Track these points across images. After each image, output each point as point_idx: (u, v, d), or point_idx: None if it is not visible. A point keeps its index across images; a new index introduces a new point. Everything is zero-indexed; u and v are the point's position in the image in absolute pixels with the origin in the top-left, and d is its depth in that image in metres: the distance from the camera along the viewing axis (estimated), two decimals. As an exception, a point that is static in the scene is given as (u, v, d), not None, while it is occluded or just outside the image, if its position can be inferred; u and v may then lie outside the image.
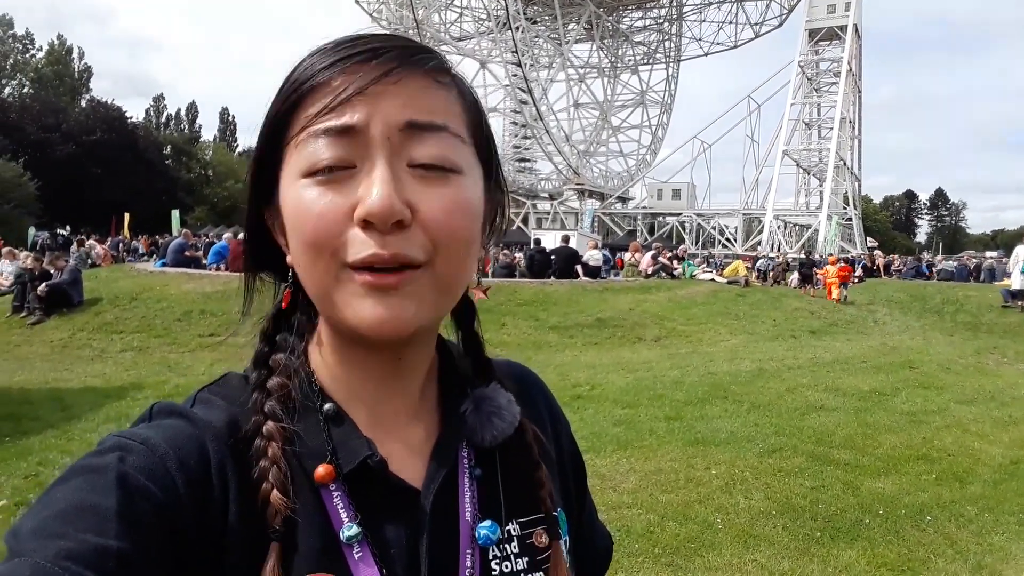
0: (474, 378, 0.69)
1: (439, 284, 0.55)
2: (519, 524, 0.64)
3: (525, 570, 0.62)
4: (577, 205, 48.79)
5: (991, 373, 8.67)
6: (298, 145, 0.55)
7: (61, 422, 5.76)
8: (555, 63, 51.88)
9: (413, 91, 0.55)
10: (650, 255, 17.52)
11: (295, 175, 0.55)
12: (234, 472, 0.55)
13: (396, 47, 0.56)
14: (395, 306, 0.53)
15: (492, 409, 0.65)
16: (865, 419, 6.24)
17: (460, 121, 0.58)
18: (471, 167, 0.58)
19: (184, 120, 71.55)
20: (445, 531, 0.60)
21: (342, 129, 0.53)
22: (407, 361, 0.63)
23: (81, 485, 0.49)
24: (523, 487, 0.66)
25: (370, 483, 0.58)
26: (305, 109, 0.55)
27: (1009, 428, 6.08)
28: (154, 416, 0.58)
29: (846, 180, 44.86)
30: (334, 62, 0.55)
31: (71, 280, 11.27)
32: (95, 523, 0.46)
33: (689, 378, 7.90)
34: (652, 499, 4.31)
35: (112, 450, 0.52)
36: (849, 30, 42.74)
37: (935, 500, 4.42)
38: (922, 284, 19.36)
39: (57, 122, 45.77)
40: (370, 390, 0.62)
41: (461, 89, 0.60)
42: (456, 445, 0.64)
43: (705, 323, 12.39)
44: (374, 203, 0.51)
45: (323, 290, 0.55)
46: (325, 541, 0.55)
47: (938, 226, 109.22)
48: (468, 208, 0.56)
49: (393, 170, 0.53)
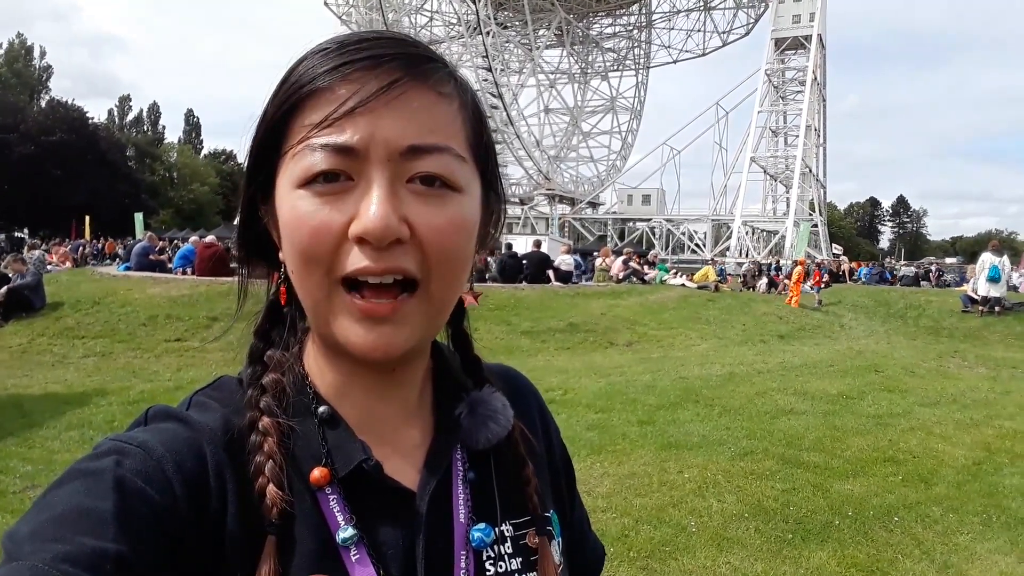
0: (469, 381, 0.69)
1: (432, 307, 0.56)
2: (512, 525, 0.65)
3: (519, 570, 0.63)
4: (547, 210, 48.97)
5: (953, 376, 8.87)
6: (295, 156, 0.54)
7: (21, 429, 5.58)
8: (525, 68, 52.05)
9: (416, 108, 0.54)
10: (621, 260, 17.64)
11: (291, 184, 0.54)
12: (232, 475, 0.55)
13: (400, 55, 0.55)
14: (386, 333, 0.54)
15: (488, 413, 0.66)
16: (833, 422, 6.34)
17: (461, 137, 0.57)
18: (470, 183, 0.58)
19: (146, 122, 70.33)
20: (440, 533, 0.60)
21: (341, 148, 0.52)
22: (401, 374, 0.63)
23: (78, 488, 0.49)
24: (516, 489, 0.67)
25: (365, 486, 0.58)
26: (304, 115, 0.54)
27: (971, 430, 6.22)
28: (150, 420, 0.58)
29: (812, 187, 45.69)
30: (336, 67, 0.54)
31: (34, 284, 10.97)
32: (92, 527, 0.47)
33: (661, 382, 7.95)
34: (626, 503, 4.32)
35: (109, 454, 0.52)
36: (814, 40, 43.56)
37: (902, 501, 4.50)
38: (886, 289, 19.78)
39: (15, 122, 44.64)
40: (364, 394, 0.62)
41: (464, 100, 0.59)
42: (450, 448, 0.65)
43: (676, 328, 12.49)
44: (370, 222, 0.51)
45: (315, 303, 0.55)
46: (321, 543, 0.55)
47: (900, 232, 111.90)
48: (464, 227, 0.57)
49: (391, 188, 0.53)
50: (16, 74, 55.34)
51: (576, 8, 51.81)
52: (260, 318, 0.65)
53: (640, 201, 49.92)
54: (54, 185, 43.93)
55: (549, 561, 0.65)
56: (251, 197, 0.60)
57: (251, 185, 0.59)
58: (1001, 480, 4.95)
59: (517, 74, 51.77)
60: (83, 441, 5.25)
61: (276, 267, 0.63)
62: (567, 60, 55.65)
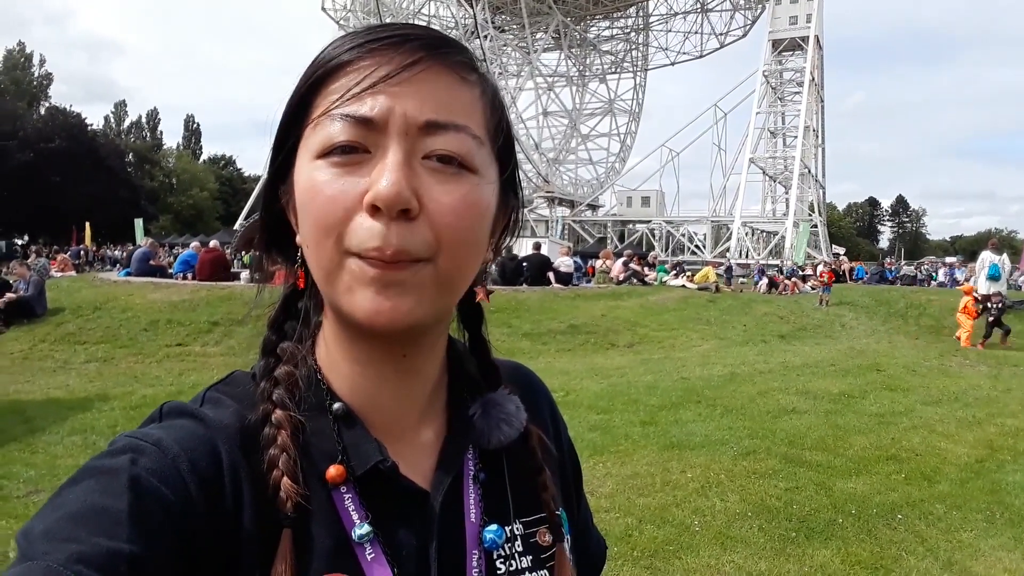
0: (483, 382, 0.69)
1: (440, 280, 0.55)
2: (522, 524, 0.65)
3: (530, 568, 0.64)
4: (547, 213, 48.97)
5: (954, 375, 8.87)
6: (316, 127, 0.54)
7: (24, 435, 5.59)
8: (523, 72, 52.08)
9: (436, 86, 0.54)
10: (621, 262, 17.64)
11: (310, 155, 0.54)
12: (246, 474, 0.55)
13: (426, 36, 0.56)
14: (393, 298, 0.53)
15: (502, 416, 0.66)
16: (835, 421, 6.34)
17: (481, 122, 0.57)
18: (487, 168, 0.57)
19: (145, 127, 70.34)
20: (452, 533, 0.60)
21: (360, 119, 0.53)
22: (414, 361, 0.62)
23: (93, 487, 0.49)
24: (526, 488, 0.67)
25: (379, 484, 0.58)
26: (327, 88, 0.55)
27: (973, 428, 6.22)
28: (164, 416, 0.58)
29: (811, 187, 45.71)
30: (362, 43, 0.55)
31: (37, 292, 10.99)
32: (107, 526, 0.46)
33: (663, 383, 7.95)
34: (629, 503, 4.33)
35: (124, 451, 0.52)
36: (811, 41, 43.61)
37: (905, 499, 4.50)
38: (886, 289, 19.76)
39: (14, 129, 44.65)
40: (378, 390, 0.61)
41: (485, 89, 0.59)
42: (464, 448, 0.65)
43: (677, 329, 12.50)
44: (383, 188, 0.51)
45: (326, 272, 0.55)
46: (337, 541, 0.55)
47: (900, 232, 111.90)
48: (477, 208, 0.56)
49: (406, 159, 0.53)
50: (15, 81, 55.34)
51: (573, 11, 51.88)
52: (275, 309, 0.64)
53: (640, 203, 49.88)
54: (53, 192, 43.95)
55: (566, 565, 0.66)
56: (272, 177, 0.60)
57: (276, 159, 0.59)
58: (1004, 477, 4.95)
59: (515, 77, 51.79)
60: (86, 446, 5.26)
61: (292, 257, 0.62)
62: (565, 63, 55.69)
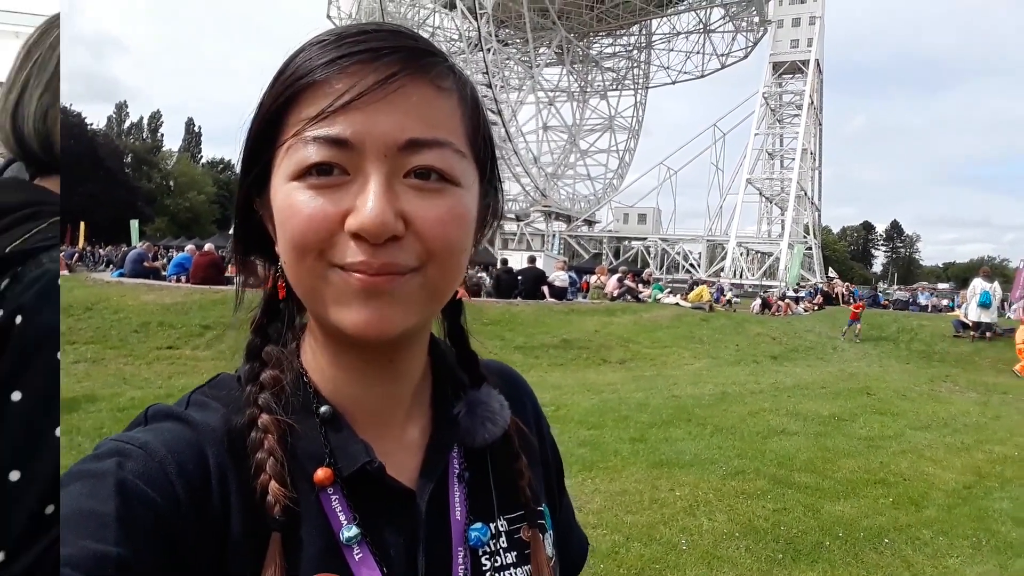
0: (467, 380, 0.70)
1: (428, 289, 0.55)
2: (506, 520, 0.66)
3: (514, 563, 0.64)
4: (543, 227, 49.10)
5: (944, 400, 8.88)
6: (289, 149, 0.53)
7: (9, 434, 5.54)
8: (525, 85, 52.43)
9: (414, 102, 0.53)
10: (616, 278, 17.68)
11: (285, 177, 0.53)
12: (234, 477, 0.55)
13: (399, 48, 0.54)
14: (382, 308, 0.52)
15: (487, 414, 0.66)
16: (825, 443, 6.34)
17: (460, 132, 0.57)
18: (468, 179, 0.57)
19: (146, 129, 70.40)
20: (438, 532, 0.61)
21: (335, 141, 0.51)
22: (399, 364, 0.62)
23: (80, 491, 0.49)
24: (510, 485, 0.68)
25: (366, 485, 0.58)
26: (299, 108, 0.53)
27: (961, 454, 6.23)
28: (150, 420, 0.57)
29: (807, 210, 46.00)
30: (334, 59, 0.52)
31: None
32: (94, 529, 0.46)
33: (654, 400, 7.94)
34: (617, 520, 4.31)
35: (110, 455, 0.52)
36: (811, 65, 44.09)
37: (892, 523, 4.49)
38: (878, 313, 19.84)
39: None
40: (364, 391, 0.61)
41: (463, 94, 0.58)
42: (449, 447, 0.65)
43: (670, 346, 12.50)
44: (367, 218, 0.50)
45: (310, 289, 0.54)
46: (325, 543, 0.55)
47: (893, 257, 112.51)
48: (463, 220, 0.56)
49: (388, 183, 0.52)
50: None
51: (577, 28, 52.30)
52: (258, 313, 0.64)
53: (636, 220, 50.11)
54: (50, 190, 43.81)
55: (542, 554, 0.66)
56: (247, 190, 0.59)
57: (247, 175, 0.58)
58: (991, 504, 4.95)
59: (517, 91, 52.11)
60: (72, 447, 5.20)
61: (274, 262, 0.62)
62: (567, 78, 56.07)
